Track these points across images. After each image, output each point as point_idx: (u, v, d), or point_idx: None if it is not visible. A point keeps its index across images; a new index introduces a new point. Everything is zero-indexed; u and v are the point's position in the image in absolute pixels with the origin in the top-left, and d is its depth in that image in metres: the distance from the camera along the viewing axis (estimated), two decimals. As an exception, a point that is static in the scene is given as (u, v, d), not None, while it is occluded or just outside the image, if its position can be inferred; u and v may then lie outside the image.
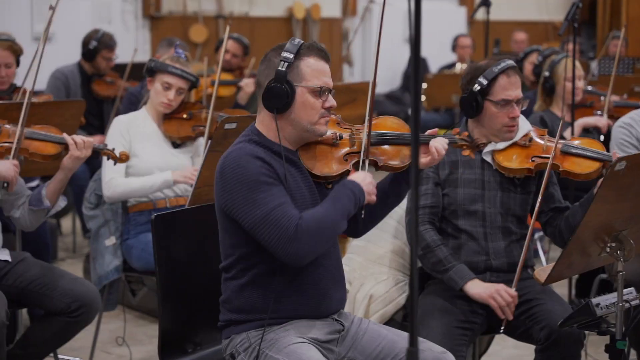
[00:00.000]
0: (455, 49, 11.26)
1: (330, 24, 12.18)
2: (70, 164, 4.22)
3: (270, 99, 3.30)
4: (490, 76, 3.95)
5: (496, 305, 3.88)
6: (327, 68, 3.38)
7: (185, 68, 5.09)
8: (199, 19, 10.90)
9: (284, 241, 3.14)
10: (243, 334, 3.33)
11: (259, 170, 3.21)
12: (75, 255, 7.38)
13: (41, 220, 4.33)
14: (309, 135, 3.37)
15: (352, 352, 3.41)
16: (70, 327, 4.18)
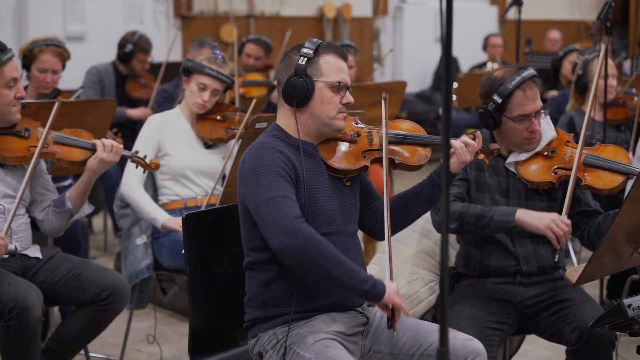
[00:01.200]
0: (486, 49, 11.22)
1: (361, 24, 12.16)
2: (95, 166, 4.19)
3: (290, 93, 3.40)
4: (504, 93, 3.89)
5: (553, 236, 3.81)
6: (345, 66, 3.48)
7: (221, 70, 5.10)
8: (230, 18, 10.92)
9: (278, 226, 3.15)
10: (269, 331, 3.34)
11: (276, 162, 3.28)
12: (107, 253, 7.41)
13: (65, 224, 4.32)
14: (328, 130, 3.45)
15: (376, 344, 3.42)
16: (100, 315, 4.18)
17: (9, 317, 3.83)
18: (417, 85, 12.07)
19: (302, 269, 3.21)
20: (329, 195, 3.41)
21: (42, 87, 5.81)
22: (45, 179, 4.33)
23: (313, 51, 3.42)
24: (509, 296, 3.99)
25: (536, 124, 3.93)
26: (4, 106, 4.09)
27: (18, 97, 4.12)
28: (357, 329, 3.40)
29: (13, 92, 4.09)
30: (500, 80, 3.93)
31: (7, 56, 4.07)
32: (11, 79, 4.07)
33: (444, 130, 2.03)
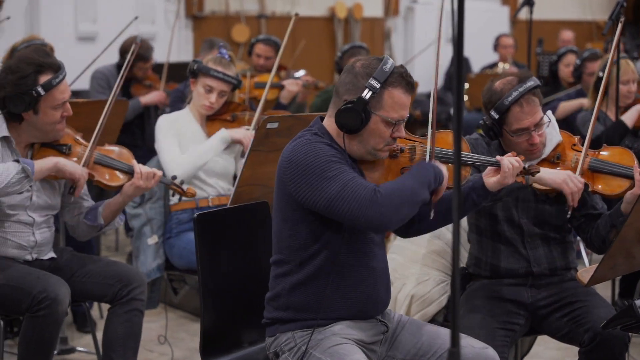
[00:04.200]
0: (497, 49, 11.20)
1: (372, 24, 12.16)
2: (130, 192, 4.21)
3: (342, 121, 3.29)
4: (501, 109, 3.84)
5: (569, 190, 3.80)
6: (408, 101, 3.36)
7: (228, 71, 5.09)
8: (241, 18, 10.93)
9: (364, 206, 3.13)
10: (288, 333, 3.34)
11: (329, 152, 3.23)
12: (118, 253, 7.43)
13: (93, 234, 4.35)
14: (370, 157, 3.38)
15: (392, 350, 3.41)
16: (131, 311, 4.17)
17: (38, 308, 3.85)
18: (428, 86, 12.04)
19: (407, 219, 3.27)
20: None
21: None
22: None
23: (381, 84, 3.27)
24: (521, 297, 3.99)
25: (536, 136, 3.88)
26: (49, 125, 4.07)
27: (64, 116, 4.11)
28: (376, 338, 3.39)
29: (60, 112, 4.07)
30: (499, 93, 3.88)
31: (58, 79, 4.02)
32: (61, 102, 4.05)
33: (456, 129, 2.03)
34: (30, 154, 4.17)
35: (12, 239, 4.10)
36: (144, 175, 4.19)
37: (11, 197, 4.04)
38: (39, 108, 4.02)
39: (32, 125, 4.08)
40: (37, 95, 3.97)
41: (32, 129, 4.09)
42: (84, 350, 5.21)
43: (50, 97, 4.01)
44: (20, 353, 3.96)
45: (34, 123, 4.06)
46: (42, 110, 4.03)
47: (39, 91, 3.97)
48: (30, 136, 4.13)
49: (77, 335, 5.57)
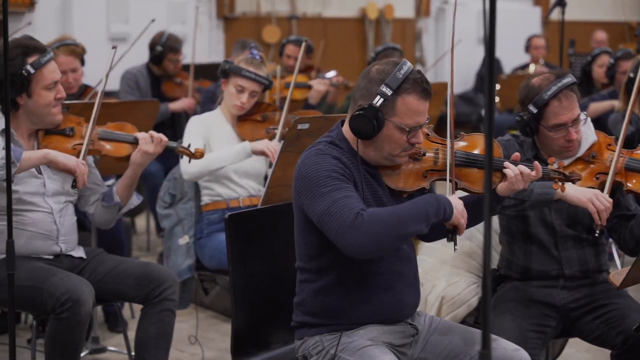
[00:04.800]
0: (529, 50, 11.16)
1: (404, 25, 12.15)
2: (138, 159, 4.24)
3: (356, 126, 3.26)
4: (540, 104, 3.83)
5: (594, 209, 3.74)
6: (424, 107, 3.29)
7: (259, 71, 5.11)
8: (272, 19, 10.94)
9: (343, 229, 3.07)
10: (316, 337, 3.33)
11: (332, 167, 3.19)
12: (149, 253, 7.45)
13: (114, 217, 4.37)
14: (388, 162, 3.35)
15: (424, 352, 3.39)
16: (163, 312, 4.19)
17: (61, 310, 3.87)
18: (459, 87, 12.03)
19: (387, 250, 3.21)
20: None
21: (67, 89, 5.85)
22: (94, 173, 4.38)
23: (393, 91, 3.22)
24: (552, 299, 3.97)
25: (573, 132, 3.88)
26: (43, 107, 4.12)
27: (58, 99, 4.16)
28: (405, 340, 3.38)
29: (53, 93, 4.13)
30: (537, 89, 3.87)
31: (46, 58, 4.10)
32: (52, 82, 4.11)
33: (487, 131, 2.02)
34: (35, 143, 4.22)
35: (35, 230, 4.12)
36: (147, 139, 4.23)
37: (25, 185, 4.09)
38: (32, 90, 4.08)
39: (29, 111, 4.13)
40: (27, 75, 4.04)
41: (29, 115, 4.15)
42: (115, 350, 5.24)
43: (40, 76, 4.08)
44: (46, 353, 3.98)
45: (30, 108, 4.12)
46: (35, 92, 4.09)
47: (28, 69, 4.04)
48: (28, 124, 4.18)
49: (108, 335, 5.60)
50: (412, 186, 3.38)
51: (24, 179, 4.09)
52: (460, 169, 3.43)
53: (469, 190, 3.42)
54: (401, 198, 3.40)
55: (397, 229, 3.09)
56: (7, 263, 3.45)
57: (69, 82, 5.86)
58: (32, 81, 4.07)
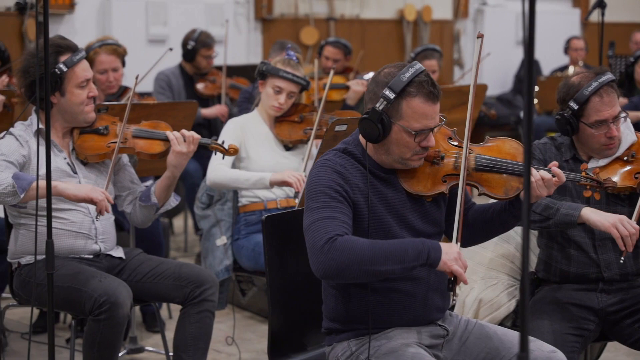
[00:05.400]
0: (568, 51, 11.10)
1: (442, 26, 12.11)
2: (174, 161, 4.23)
3: (362, 130, 3.26)
4: (581, 100, 3.82)
5: (618, 235, 3.69)
6: (432, 110, 3.23)
7: (296, 72, 5.11)
8: (310, 21, 10.95)
9: (314, 250, 3.09)
10: (344, 342, 3.33)
11: (329, 184, 3.18)
12: (187, 254, 7.48)
13: (151, 217, 4.39)
14: (401, 166, 3.32)
15: (460, 355, 3.37)
16: (202, 312, 4.20)
17: (99, 312, 3.89)
18: (497, 88, 11.98)
19: (354, 281, 3.17)
20: (403, 215, 3.31)
21: (107, 88, 5.90)
22: (129, 172, 4.40)
23: (396, 94, 3.19)
24: (591, 303, 3.94)
25: (614, 129, 3.86)
26: (77, 106, 4.16)
27: (91, 97, 4.19)
28: (435, 341, 3.36)
29: (85, 91, 4.16)
30: (577, 86, 3.87)
31: (78, 57, 4.14)
32: (84, 80, 4.14)
33: (526, 133, 2.01)
34: (70, 142, 4.26)
35: (74, 230, 4.15)
36: (178, 139, 4.22)
37: None
38: (65, 89, 4.13)
39: (62, 110, 4.17)
40: (60, 73, 4.08)
41: (63, 114, 4.19)
42: (153, 350, 5.26)
43: (73, 74, 4.12)
44: (84, 354, 4.01)
45: (64, 107, 4.16)
46: (68, 91, 4.13)
47: (61, 68, 4.09)
48: (62, 122, 4.22)
49: (146, 335, 5.63)
50: (431, 190, 3.33)
51: (60, 179, 4.12)
52: (481, 174, 3.38)
53: (490, 195, 3.37)
54: (422, 203, 3.36)
55: (365, 264, 3.05)
56: (47, 263, 3.47)
57: (110, 82, 5.90)
58: (64, 80, 4.11)
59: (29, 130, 4.14)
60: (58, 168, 4.14)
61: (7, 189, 3.84)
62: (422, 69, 3.25)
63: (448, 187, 3.34)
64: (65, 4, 9.08)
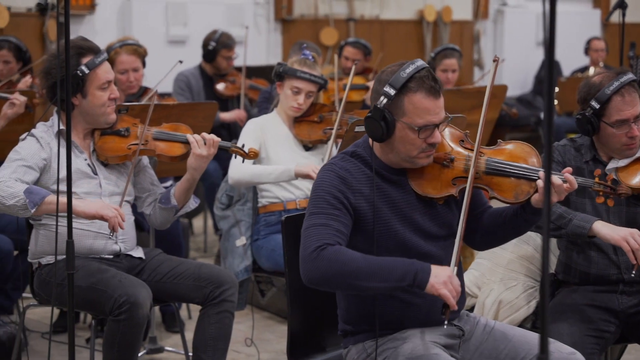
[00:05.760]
0: (588, 52, 11.06)
1: (461, 27, 12.09)
2: (194, 163, 4.23)
3: (367, 129, 3.26)
4: (602, 99, 3.81)
5: (628, 247, 3.66)
6: (434, 104, 3.22)
7: (313, 71, 5.11)
8: (329, 21, 10.95)
9: (303, 257, 3.12)
10: (359, 345, 3.33)
11: (330, 190, 3.20)
12: (206, 254, 7.49)
13: (171, 219, 4.40)
14: (409, 165, 3.31)
15: (476, 356, 3.36)
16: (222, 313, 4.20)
17: (119, 312, 3.91)
18: (517, 89, 11.95)
19: (338, 291, 3.21)
20: (412, 218, 3.29)
21: (128, 88, 5.91)
22: (149, 173, 4.42)
23: (396, 90, 3.18)
24: (611, 304, 3.93)
25: (635, 129, 3.85)
26: (98, 107, 4.17)
27: (112, 99, 4.20)
28: (451, 341, 3.34)
29: (107, 93, 4.18)
30: (598, 85, 3.86)
31: (100, 59, 4.15)
32: (105, 82, 4.15)
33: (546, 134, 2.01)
34: (91, 143, 4.27)
35: (94, 230, 4.17)
36: (199, 141, 4.22)
37: (82, 185, 4.15)
38: (86, 91, 4.14)
39: (84, 112, 4.19)
40: (82, 75, 4.09)
41: (84, 116, 4.21)
42: (173, 350, 5.27)
43: (94, 76, 4.13)
44: (104, 354, 4.02)
45: (85, 108, 4.17)
46: (90, 93, 4.14)
47: (83, 70, 4.10)
48: (84, 123, 4.24)
49: (165, 335, 5.64)
50: (440, 192, 3.31)
51: (80, 180, 4.14)
52: (492, 177, 3.35)
53: (500, 199, 3.34)
54: (434, 205, 3.34)
55: (349, 277, 3.06)
56: (67, 263, 3.49)
57: (130, 82, 5.92)
58: (86, 81, 4.12)
59: (51, 132, 4.16)
60: (78, 169, 4.15)
61: (20, 202, 3.87)
62: (424, 65, 3.24)
63: (458, 190, 3.32)
64: (85, 4, 9.12)
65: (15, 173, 3.99)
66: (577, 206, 3.92)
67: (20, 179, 3.97)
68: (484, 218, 3.46)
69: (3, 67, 6.82)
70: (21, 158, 4.04)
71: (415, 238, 3.29)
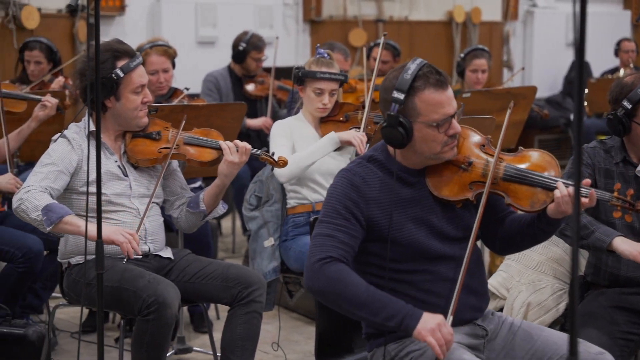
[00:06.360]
0: (618, 53, 11.00)
1: (491, 28, 12.05)
2: (225, 170, 4.25)
3: (386, 139, 3.27)
4: (634, 99, 3.81)
5: None
6: (445, 96, 3.23)
7: (332, 69, 5.10)
8: (358, 23, 10.94)
9: (308, 264, 3.18)
10: (382, 347, 3.32)
11: (341, 199, 3.23)
12: (235, 255, 7.51)
13: (198, 223, 4.42)
14: (435, 161, 3.32)
15: (502, 356, 3.35)
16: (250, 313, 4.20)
17: (147, 312, 3.92)
18: (547, 91, 11.90)
19: (329, 306, 3.23)
20: (429, 221, 3.30)
21: (157, 89, 5.93)
22: (179, 177, 4.43)
23: (405, 93, 3.19)
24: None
25: None
26: (131, 111, 4.19)
27: (145, 102, 4.22)
28: (475, 341, 3.34)
29: (140, 97, 4.19)
30: (631, 85, 3.86)
31: (135, 62, 4.16)
32: (139, 86, 4.17)
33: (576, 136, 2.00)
34: (122, 145, 4.29)
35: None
36: (231, 149, 4.23)
37: (112, 187, 4.17)
38: (120, 94, 4.15)
39: (116, 114, 4.21)
40: (116, 79, 4.10)
41: (116, 118, 4.22)
42: (201, 350, 5.29)
43: (129, 80, 4.14)
44: (133, 353, 4.04)
45: (117, 111, 4.19)
46: (123, 96, 4.16)
47: (118, 73, 4.10)
48: (115, 126, 4.26)
49: (194, 335, 5.65)
50: (457, 196, 3.31)
51: (111, 181, 4.16)
52: (509, 184, 3.34)
53: (515, 206, 3.34)
54: (453, 208, 3.34)
55: (343, 301, 3.13)
56: (97, 263, 3.50)
57: (160, 82, 5.93)
58: (120, 85, 4.13)
59: (82, 133, 4.18)
60: (109, 171, 4.18)
61: (39, 218, 3.91)
62: (424, 62, 3.26)
63: (474, 194, 3.32)
64: (115, 5, 9.15)
65: (46, 180, 4.01)
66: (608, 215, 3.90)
67: (51, 186, 3.99)
68: (505, 223, 3.46)
69: (35, 68, 6.88)
70: (52, 162, 4.06)
71: (431, 240, 3.30)
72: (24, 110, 5.64)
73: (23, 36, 8.13)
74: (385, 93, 3.28)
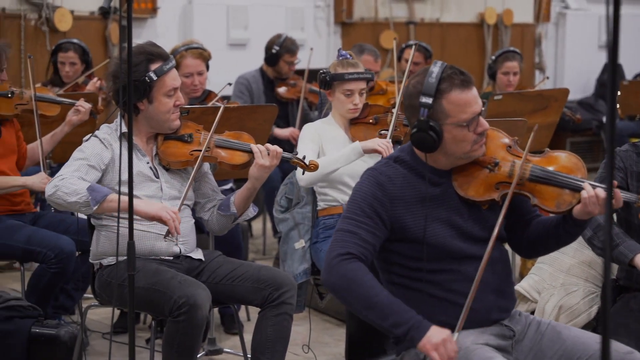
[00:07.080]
0: (652, 55, 10.94)
1: (523, 30, 12.01)
2: (256, 173, 4.26)
3: (417, 144, 3.29)
4: None
5: None
6: (471, 95, 3.28)
7: (358, 69, 5.09)
8: (389, 24, 10.93)
9: (325, 259, 3.21)
10: (411, 350, 3.29)
11: (366, 197, 3.26)
12: (265, 257, 7.52)
13: (229, 226, 4.43)
14: (464, 161, 3.34)
15: (530, 356, 3.34)
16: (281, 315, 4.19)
17: (178, 313, 3.93)
18: (579, 93, 11.84)
19: (341, 302, 3.26)
20: (454, 221, 3.31)
21: (192, 92, 5.94)
22: (210, 180, 4.45)
23: (433, 97, 3.24)
24: (674, 310, 3.88)
25: None
26: (163, 114, 4.21)
27: (177, 105, 4.24)
28: (503, 342, 3.33)
29: (173, 100, 4.21)
30: None
31: (168, 66, 4.18)
32: (172, 89, 4.19)
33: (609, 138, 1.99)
34: (154, 147, 4.30)
35: (155, 231, 4.20)
36: (262, 152, 4.24)
37: (143, 188, 4.20)
38: (152, 97, 4.17)
39: (148, 117, 4.23)
40: (149, 82, 4.12)
41: (148, 120, 4.25)
42: (232, 352, 5.29)
43: (162, 83, 4.16)
44: (164, 354, 4.05)
45: (150, 113, 4.21)
46: (156, 99, 4.18)
47: (151, 76, 4.13)
48: (147, 128, 4.28)
49: (224, 336, 5.67)
50: (482, 196, 3.32)
51: (142, 183, 4.18)
52: (535, 185, 3.34)
53: (541, 207, 3.34)
54: (479, 208, 3.36)
55: (355, 299, 3.17)
56: (128, 264, 3.52)
57: (194, 85, 5.95)
58: (153, 88, 4.15)
59: (114, 135, 4.21)
60: (140, 172, 4.19)
61: (82, 199, 3.94)
62: (445, 64, 3.29)
63: (500, 195, 3.33)
64: (148, 8, 9.20)
65: (78, 171, 4.04)
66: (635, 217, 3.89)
67: (83, 177, 4.02)
68: (531, 226, 3.46)
69: (70, 69, 6.94)
70: (84, 157, 4.09)
71: (456, 240, 3.31)
72: (57, 114, 5.68)
73: (56, 38, 8.19)
74: (410, 99, 3.31)
